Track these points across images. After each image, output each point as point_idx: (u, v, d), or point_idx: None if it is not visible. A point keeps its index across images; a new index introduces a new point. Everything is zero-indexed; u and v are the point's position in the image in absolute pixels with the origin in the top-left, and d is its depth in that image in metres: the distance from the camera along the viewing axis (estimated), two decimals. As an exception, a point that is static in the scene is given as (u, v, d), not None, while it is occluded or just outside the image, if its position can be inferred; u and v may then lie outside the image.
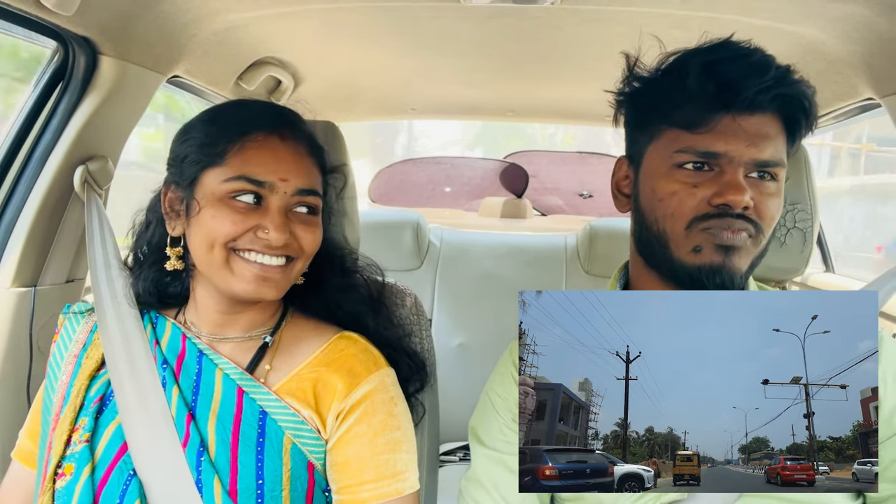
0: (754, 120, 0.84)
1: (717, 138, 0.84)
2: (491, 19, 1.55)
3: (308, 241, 0.93)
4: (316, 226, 0.95)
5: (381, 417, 0.95)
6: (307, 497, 0.93)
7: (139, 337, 0.97)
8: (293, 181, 0.91)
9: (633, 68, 0.93)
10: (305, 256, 0.94)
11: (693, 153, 0.85)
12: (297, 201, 0.92)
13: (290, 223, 0.91)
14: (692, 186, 0.85)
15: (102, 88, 1.32)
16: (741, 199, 0.82)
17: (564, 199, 3.72)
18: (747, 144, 0.84)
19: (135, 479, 0.89)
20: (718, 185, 0.84)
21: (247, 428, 0.92)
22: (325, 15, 1.60)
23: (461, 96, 2.53)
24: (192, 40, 1.46)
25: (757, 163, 0.85)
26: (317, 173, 0.96)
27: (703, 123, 0.84)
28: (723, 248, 0.84)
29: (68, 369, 0.99)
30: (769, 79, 0.83)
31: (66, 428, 0.93)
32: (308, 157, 0.95)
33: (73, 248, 1.41)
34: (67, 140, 1.32)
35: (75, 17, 1.14)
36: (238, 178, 0.89)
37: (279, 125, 0.94)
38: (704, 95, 0.84)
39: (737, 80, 0.83)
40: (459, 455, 2.20)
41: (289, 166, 0.91)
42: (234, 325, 0.98)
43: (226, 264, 0.90)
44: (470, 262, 2.44)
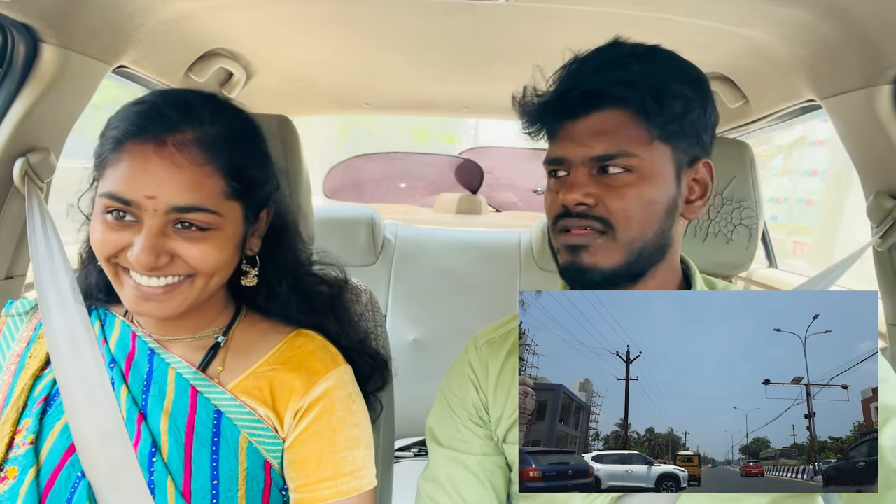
0: (589, 120, 0.88)
1: (558, 145, 0.91)
2: (446, 15, 1.55)
3: (195, 259, 0.84)
4: (206, 242, 0.85)
5: (340, 415, 0.94)
6: (264, 496, 0.91)
7: (86, 334, 0.94)
8: (163, 198, 0.81)
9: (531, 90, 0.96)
10: (203, 274, 0.86)
11: (548, 162, 0.93)
12: (175, 219, 0.83)
13: (168, 242, 0.83)
14: (555, 192, 0.91)
15: (44, 78, 1.27)
16: (572, 198, 0.87)
17: (519, 196, 3.75)
18: (578, 145, 0.88)
19: (83, 480, 0.87)
20: (563, 188, 0.89)
21: (201, 427, 0.90)
22: (278, 6, 1.57)
23: (416, 92, 2.52)
24: (139, 29, 1.42)
25: (592, 158, 0.88)
26: (210, 185, 0.84)
27: (552, 133, 0.92)
28: (570, 247, 0.89)
29: (11, 368, 0.95)
30: (584, 78, 0.88)
31: (8, 430, 0.90)
32: (193, 168, 0.83)
33: (13, 243, 1.36)
34: (6, 131, 1.26)
35: (14, 2, 1.09)
36: (105, 195, 0.83)
37: (156, 129, 0.83)
38: (551, 107, 0.91)
39: (567, 88, 0.89)
40: (414, 451, 2.20)
41: (159, 180, 0.81)
42: (181, 326, 0.96)
43: (116, 278, 0.87)
44: (425, 258, 2.44)
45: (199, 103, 0.87)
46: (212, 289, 0.90)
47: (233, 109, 0.92)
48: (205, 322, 0.97)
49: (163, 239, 0.83)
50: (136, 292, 0.85)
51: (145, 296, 0.85)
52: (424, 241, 2.51)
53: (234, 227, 0.89)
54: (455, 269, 2.42)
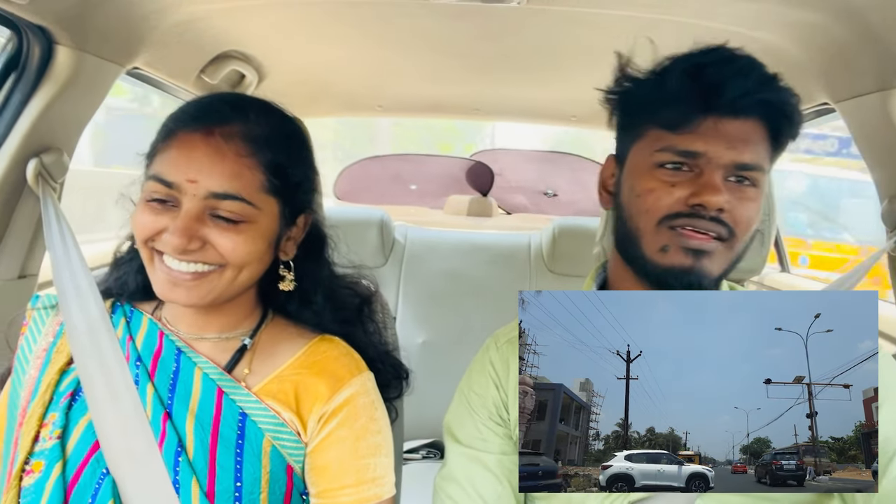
0: (737, 124, 0.85)
1: (698, 139, 0.85)
2: (458, 18, 1.55)
3: (227, 249, 0.86)
4: (240, 233, 0.86)
5: (363, 421, 0.94)
6: (285, 500, 0.91)
7: (105, 330, 0.95)
8: (204, 182, 0.84)
9: (624, 68, 0.94)
10: (233, 266, 0.88)
11: (673, 152, 0.86)
12: (212, 206, 0.85)
13: (203, 228, 0.85)
14: (670, 185, 0.86)
15: (58, 79, 1.28)
16: (717, 200, 0.83)
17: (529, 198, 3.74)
18: (727, 147, 0.85)
19: (108, 477, 0.87)
20: (696, 186, 0.84)
21: (226, 429, 0.90)
22: (291, 9, 1.58)
23: (428, 94, 2.53)
24: (152, 31, 1.43)
25: (736, 165, 0.85)
26: (250, 177, 0.87)
27: (684, 124, 0.85)
28: (691, 251, 0.85)
29: (37, 363, 0.96)
30: (752, 83, 0.84)
31: (35, 424, 0.90)
32: (237, 159, 0.86)
33: (26, 242, 1.37)
34: (20, 132, 1.28)
35: (30, 5, 1.10)
36: (151, 179, 0.87)
37: (207, 120, 0.87)
38: (688, 97, 0.85)
39: (720, 84, 0.84)
40: (422, 453, 2.20)
41: (201, 166, 0.84)
42: (210, 325, 0.96)
43: (150, 263, 0.89)
44: (434, 260, 2.44)
45: (250, 102, 0.93)
46: (241, 283, 0.91)
47: (282, 113, 0.96)
48: (232, 323, 0.97)
49: (198, 224, 0.85)
50: (167, 276, 0.87)
51: (175, 281, 0.87)
52: (434, 243, 2.51)
53: (269, 223, 0.90)
54: (465, 271, 2.41)
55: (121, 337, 0.96)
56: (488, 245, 2.52)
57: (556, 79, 2.16)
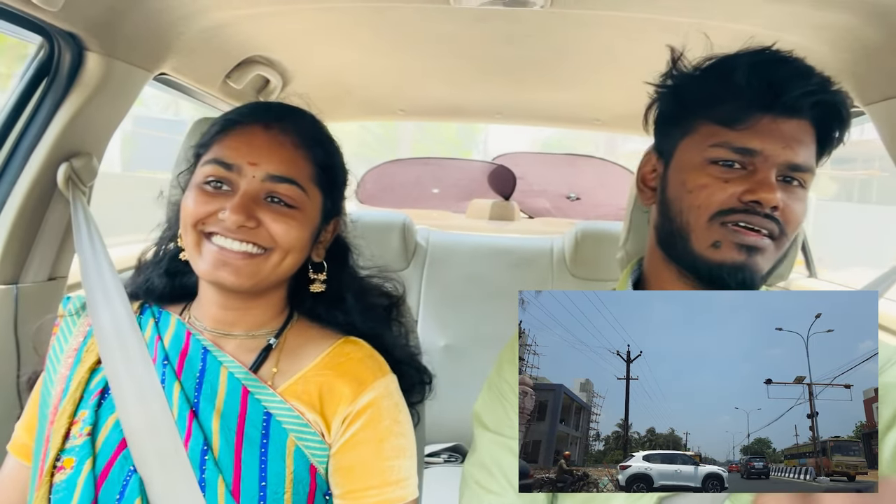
0: (792, 124, 0.85)
1: (755, 136, 0.85)
2: (480, 21, 1.55)
3: (278, 231, 0.90)
4: (291, 218, 0.91)
5: (387, 423, 0.94)
6: (309, 500, 0.92)
7: (132, 330, 0.96)
8: (264, 166, 0.90)
9: (678, 61, 0.94)
10: (280, 249, 0.91)
11: (729, 148, 0.86)
12: (269, 189, 0.90)
13: (258, 209, 0.90)
14: (724, 181, 0.86)
15: (88, 85, 1.31)
16: (773, 198, 0.83)
17: (551, 202, 3.73)
18: (784, 146, 0.85)
19: (135, 475, 0.88)
20: (751, 183, 0.84)
21: (251, 429, 0.91)
22: (315, 14, 1.59)
23: (450, 98, 2.53)
24: (179, 38, 1.45)
25: (790, 165, 0.85)
26: (303, 166, 0.93)
27: (742, 121, 0.85)
28: (745, 247, 0.85)
29: (68, 362, 0.98)
30: (812, 84, 0.85)
31: (65, 421, 0.92)
32: (293, 149, 0.93)
33: (56, 245, 1.40)
34: (51, 136, 1.30)
35: (61, 12, 1.12)
36: (210, 162, 0.92)
37: (265, 116, 0.94)
38: (747, 94, 0.85)
39: (781, 83, 0.84)
40: (444, 456, 2.20)
41: (261, 151, 0.91)
42: (237, 322, 0.97)
43: (196, 246, 0.91)
44: (456, 264, 2.44)
45: (296, 108, 1.01)
46: (282, 272, 0.94)
47: (320, 122, 1.03)
48: (259, 321, 0.99)
49: (254, 204, 0.89)
50: (217, 255, 0.89)
51: (225, 259, 0.89)
52: (456, 246, 2.51)
53: (314, 213, 0.96)
54: (487, 275, 2.41)
55: (149, 337, 0.97)
56: (510, 249, 2.51)
57: (579, 82, 2.15)
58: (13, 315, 1.31)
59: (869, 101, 1.37)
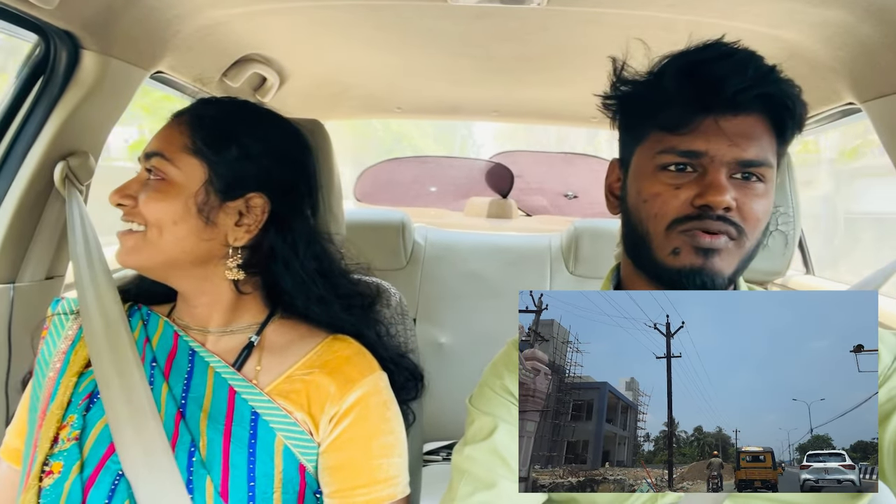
0: (737, 121, 0.84)
1: (698, 138, 0.84)
2: (478, 19, 1.55)
3: (146, 207, 0.91)
4: (156, 191, 0.91)
5: (375, 422, 0.94)
6: (298, 499, 0.92)
7: (124, 334, 0.96)
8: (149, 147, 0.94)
9: (620, 72, 0.93)
10: (153, 226, 0.91)
11: (675, 153, 0.85)
12: (148, 166, 0.94)
13: (138, 189, 0.93)
14: (675, 188, 0.85)
15: (84, 83, 1.31)
16: (722, 200, 0.81)
17: (549, 200, 3.73)
18: (729, 144, 0.83)
19: (123, 479, 0.88)
20: (700, 186, 0.83)
21: (238, 429, 0.91)
22: (311, 12, 1.59)
23: (447, 96, 2.53)
24: (176, 36, 1.45)
25: (740, 162, 0.84)
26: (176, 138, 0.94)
27: (684, 124, 0.84)
28: (702, 250, 0.84)
29: (56, 366, 0.98)
30: (749, 79, 0.83)
31: (54, 425, 0.92)
32: (173, 126, 0.96)
33: (53, 244, 1.39)
34: (48, 135, 1.30)
35: (57, 10, 1.12)
36: None
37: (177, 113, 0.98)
38: (685, 97, 0.84)
39: (716, 81, 0.82)
40: (443, 455, 2.20)
41: (157, 136, 0.96)
42: (206, 318, 0.97)
43: None
44: (454, 262, 2.44)
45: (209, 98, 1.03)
46: (169, 247, 0.91)
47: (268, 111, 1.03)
48: (236, 315, 0.98)
49: (135, 185, 0.93)
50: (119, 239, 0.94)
51: (120, 241, 0.94)
52: (454, 244, 2.51)
53: (188, 183, 0.92)
54: (485, 273, 2.41)
55: (137, 339, 0.97)
56: (508, 247, 2.51)
57: (576, 80, 2.15)
58: (8, 315, 1.31)
59: (865, 98, 1.37)
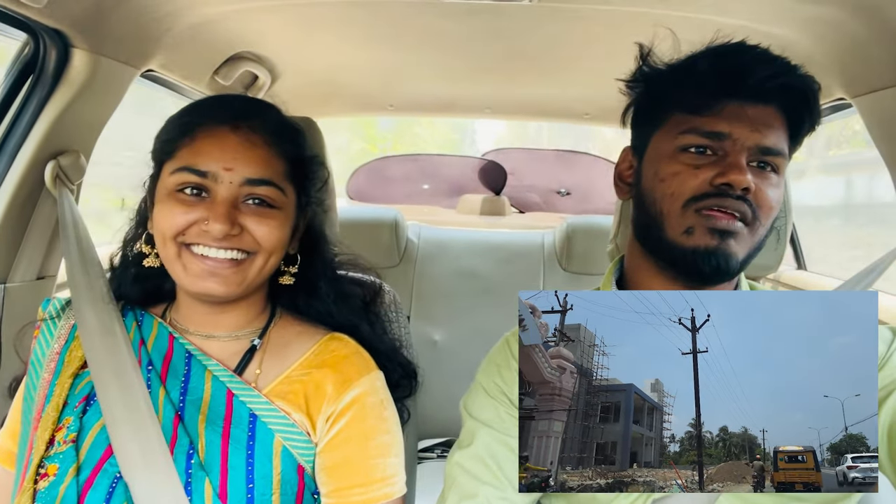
0: (759, 109, 0.87)
1: (723, 120, 0.86)
2: (470, 16, 1.55)
3: (262, 234, 0.89)
4: (272, 219, 0.90)
5: (372, 421, 0.94)
6: (297, 500, 0.92)
7: (120, 334, 0.95)
8: (239, 171, 0.88)
9: (647, 56, 0.95)
10: (265, 252, 0.90)
11: (698, 133, 0.87)
12: (247, 192, 0.89)
13: (239, 215, 0.88)
14: (695, 168, 0.87)
15: (74, 82, 1.30)
16: (743, 179, 0.83)
17: (542, 197, 3.73)
18: (751, 129, 0.86)
19: (121, 481, 0.87)
20: (721, 167, 0.85)
21: (237, 431, 0.90)
22: (303, 10, 1.59)
23: (439, 93, 2.53)
24: (166, 34, 1.44)
25: (760, 148, 0.86)
26: (277, 165, 0.92)
27: (710, 107, 0.87)
28: (717, 231, 0.85)
29: (50, 367, 0.96)
30: (776, 67, 0.86)
31: (49, 427, 0.90)
32: (265, 148, 0.91)
33: (44, 244, 1.38)
34: (38, 134, 1.29)
35: (46, 8, 1.11)
36: (182, 170, 0.89)
37: (231, 116, 0.91)
38: (714, 81, 0.86)
39: (744, 68, 0.85)
40: (437, 452, 2.21)
41: (236, 155, 0.88)
42: (219, 324, 0.97)
43: (178, 259, 0.90)
44: (448, 260, 2.44)
45: (259, 101, 0.99)
46: (265, 273, 0.93)
47: (282, 113, 1.00)
48: (243, 321, 0.98)
49: (235, 210, 0.88)
50: (202, 267, 0.88)
51: (211, 270, 0.88)
52: (447, 242, 2.51)
53: (292, 210, 0.95)
54: (478, 270, 2.41)
55: (132, 340, 0.96)
56: (501, 244, 2.51)
57: (569, 76, 2.15)
58: None
59: (856, 93, 1.38)
